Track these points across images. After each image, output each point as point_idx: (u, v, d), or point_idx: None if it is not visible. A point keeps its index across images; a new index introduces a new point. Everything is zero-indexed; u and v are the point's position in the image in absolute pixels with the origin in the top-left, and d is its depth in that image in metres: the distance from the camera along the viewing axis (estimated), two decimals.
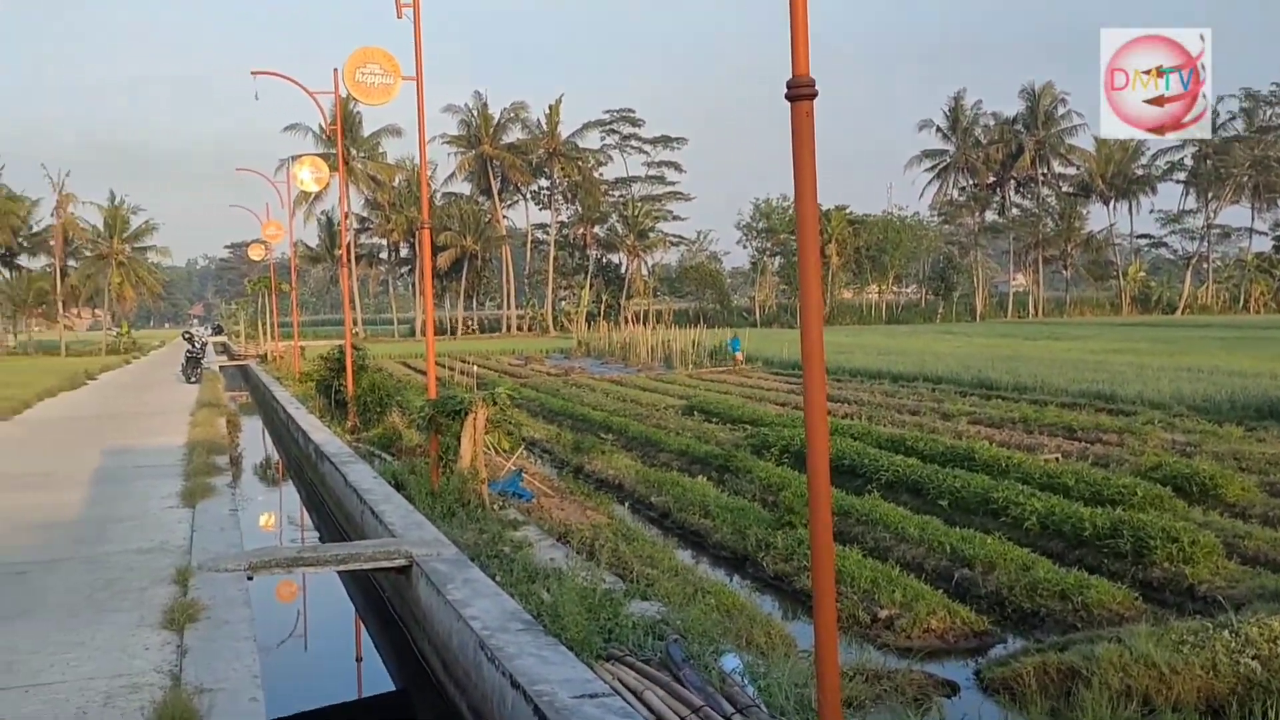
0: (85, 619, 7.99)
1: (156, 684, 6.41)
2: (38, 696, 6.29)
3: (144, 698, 6.16)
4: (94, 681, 6.52)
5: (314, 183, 33.44)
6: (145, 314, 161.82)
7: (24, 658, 7.08)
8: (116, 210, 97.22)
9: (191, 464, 15.86)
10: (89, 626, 7.76)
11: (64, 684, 6.50)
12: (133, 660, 6.92)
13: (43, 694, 6.33)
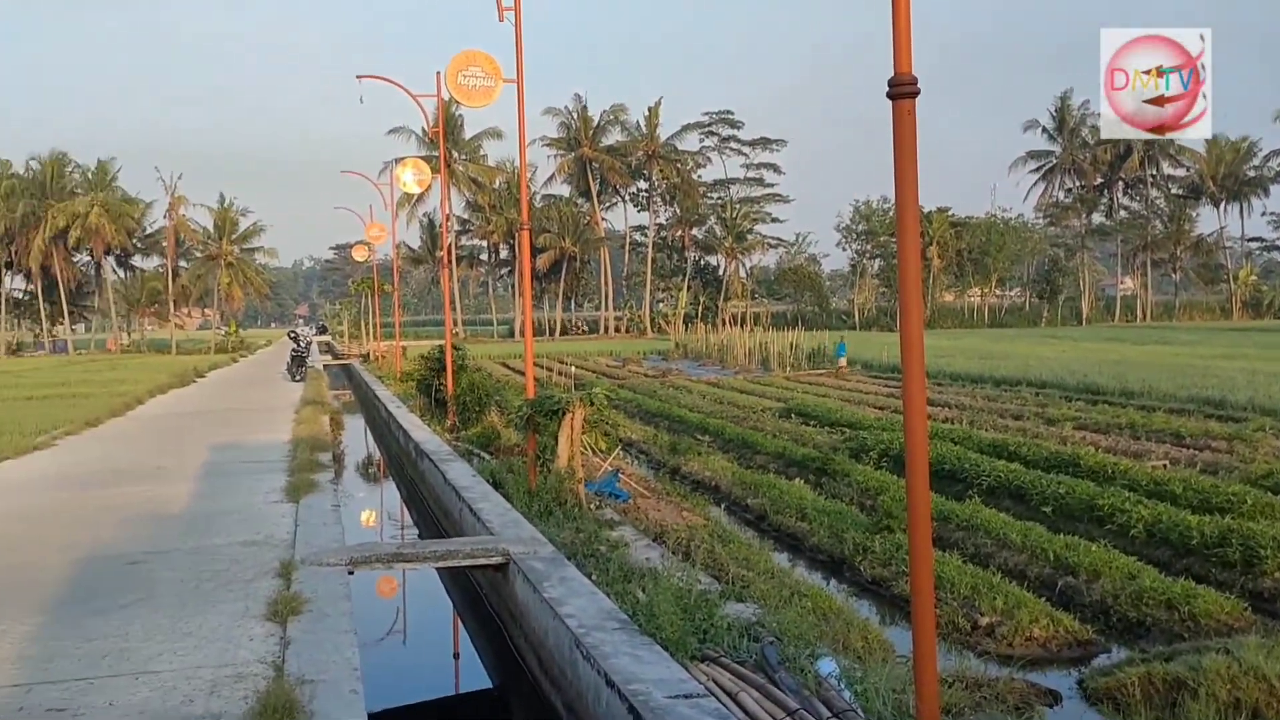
0: (193, 609, 8.19)
1: (260, 674, 6.54)
2: (147, 684, 6.45)
3: (248, 687, 6.29)
4: (201, 670, 6.67)
5: (416, 184, 33.92)
6: (253, 314, 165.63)
7: (135, 645, 7.27)
8: (226, 212, 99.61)
9: (295, 460, 16.17)
10: (197, 616, 7.95)
11: (172, 672, 6.66)
12: (238, 650, 7.07)
13: (152, 681, 6.50)
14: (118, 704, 6.12)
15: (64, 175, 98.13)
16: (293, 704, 5.81)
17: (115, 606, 8.34)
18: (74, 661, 6.96)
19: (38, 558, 10.33)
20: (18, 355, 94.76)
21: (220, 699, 6.14)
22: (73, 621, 7.93)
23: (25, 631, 7.72)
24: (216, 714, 5.91)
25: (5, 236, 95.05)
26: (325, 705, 5.96)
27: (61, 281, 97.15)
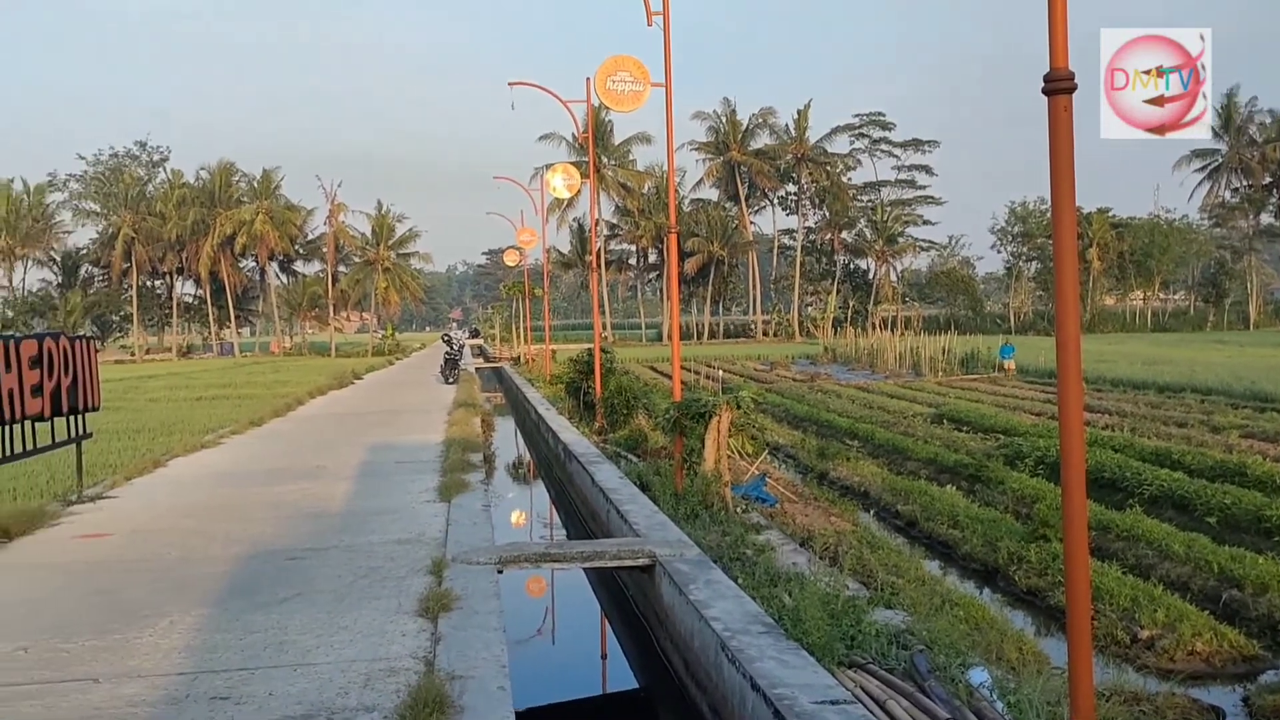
0: (349, 604, 8.41)
1: (412, 669, 6.68)
2: (305, 675, 6.65)
3: (400, 681, 6.43)
4: (355, 664, 6.85)
5: (566, 189, 34.28)
6: (408, 317, 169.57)
7: (294, 638, 7.50)
8: (383, 219, 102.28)
9: (448, 460, 16.49)
10: (352, 611, 8.16)
11: (329, 664, 6.85)
12: (390, 645, 7.24)
13: (310, 673, 6.69)
14: (277, 694, 6.32)
15: (231, 184, 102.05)
16: (443, 698, 5.92)
17: (275, 600, 8.61)
18: (236, 652, 7.21)
19: (204, 552, 10.73)
20: (188, 357, 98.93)
21: (374, 692, 6.29)
22: (235, 614, 8.22)
23: (192, 622, 8.02)
24: (370, 706, 6.05)
25: (177, 244, 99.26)
26: (474, 701, 6.05)
27: (229, 287, 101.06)
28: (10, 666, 7.05)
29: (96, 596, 9.01)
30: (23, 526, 11.81)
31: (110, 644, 7.50)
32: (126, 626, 7.94)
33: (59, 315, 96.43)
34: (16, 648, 7.45)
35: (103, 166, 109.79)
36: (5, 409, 12.15)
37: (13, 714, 6.10)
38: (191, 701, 6.24)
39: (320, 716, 5.93)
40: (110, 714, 6.08)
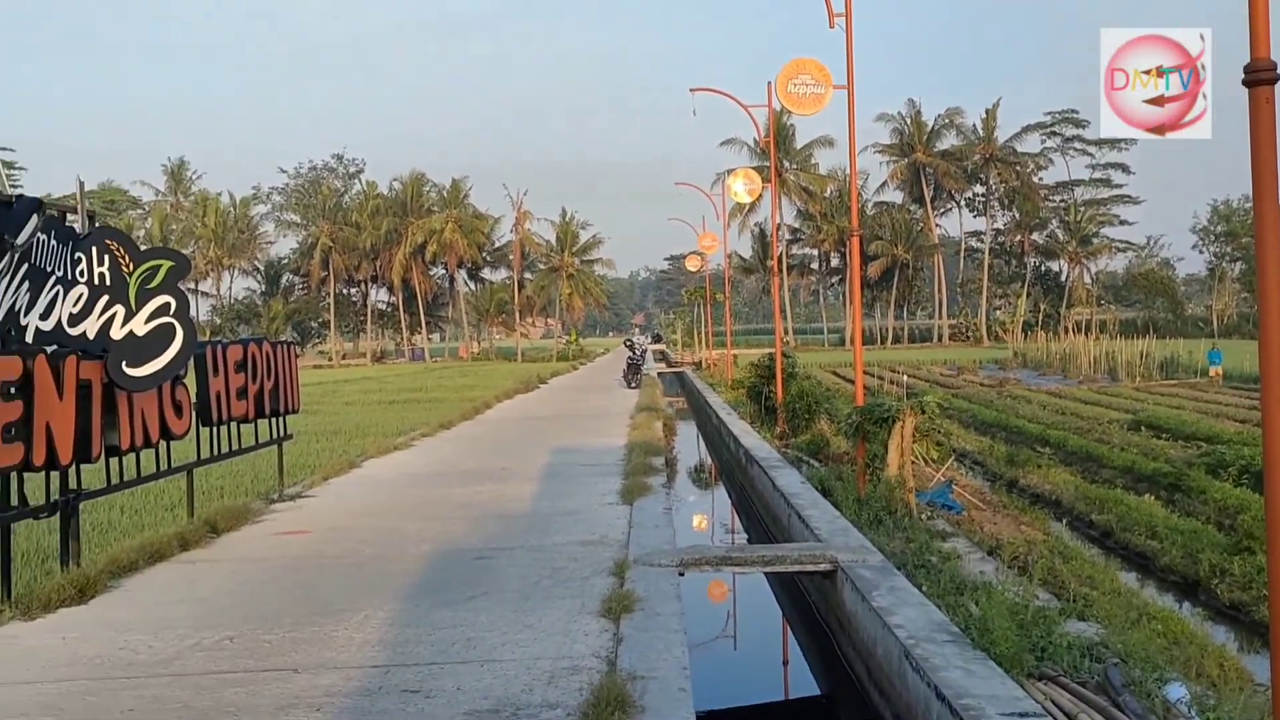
0: (534, 603, 8.57)
1: (594, 668, 6.76)
2: (491, 671, 6.80)
3: (583, 680, 6.52)
4: (539, 661, 6.97)
5: (747, 194, 34.25)
6: (592, 323, 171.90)
7: (481, 635, 7.68)
8: (567, 226, 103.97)
9: (630, 464, 16.65)
10: (537, 610, 8.31)
11: (514, 661, 6.99)
12: (574, 644, 7.35)
13: (496, 669, 6.84)
14: (464, 688, 6.48)
15: (422, 194, 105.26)
16: (624, 698, 5.98)
17: (463, 598, 8.83)
18: (426, 647, 7.42)
19: (396, 550, 11.08)
20: (381, 362, 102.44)
21: (557, 689, 6.39)
22: (426, 610, 8.46)
23: (385, 617, 8.30)
24: (553, 704, 6.15)
25: (371, 252, 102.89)
26: (655, 701, 6.09)
27: (420, 294, 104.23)
28: (217, 654, 7.41)
29: (296, 590, 9.40)
30: (229, 523, 12.40)
31: (309, 636, 7.81)
32: (324, 619, 8.26)
33: (262, 322, 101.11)
34: (223, 637, 7.83)
35: (302, 179, 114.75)
36: (213, 411, 12.79)
37: (219, 700, 6.41)
38: (384, 693, 6.46)
39: (506, 712, 6.06)
40: (308, 703, 6.32)
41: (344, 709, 6.22)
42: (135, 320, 10.29)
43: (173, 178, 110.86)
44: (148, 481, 11.80)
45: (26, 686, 6.79)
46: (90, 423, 9.68)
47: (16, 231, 8.78)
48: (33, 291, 9.19)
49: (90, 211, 11.07)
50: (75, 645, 7.75)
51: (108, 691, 6.66)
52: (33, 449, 8.81)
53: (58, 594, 8.87)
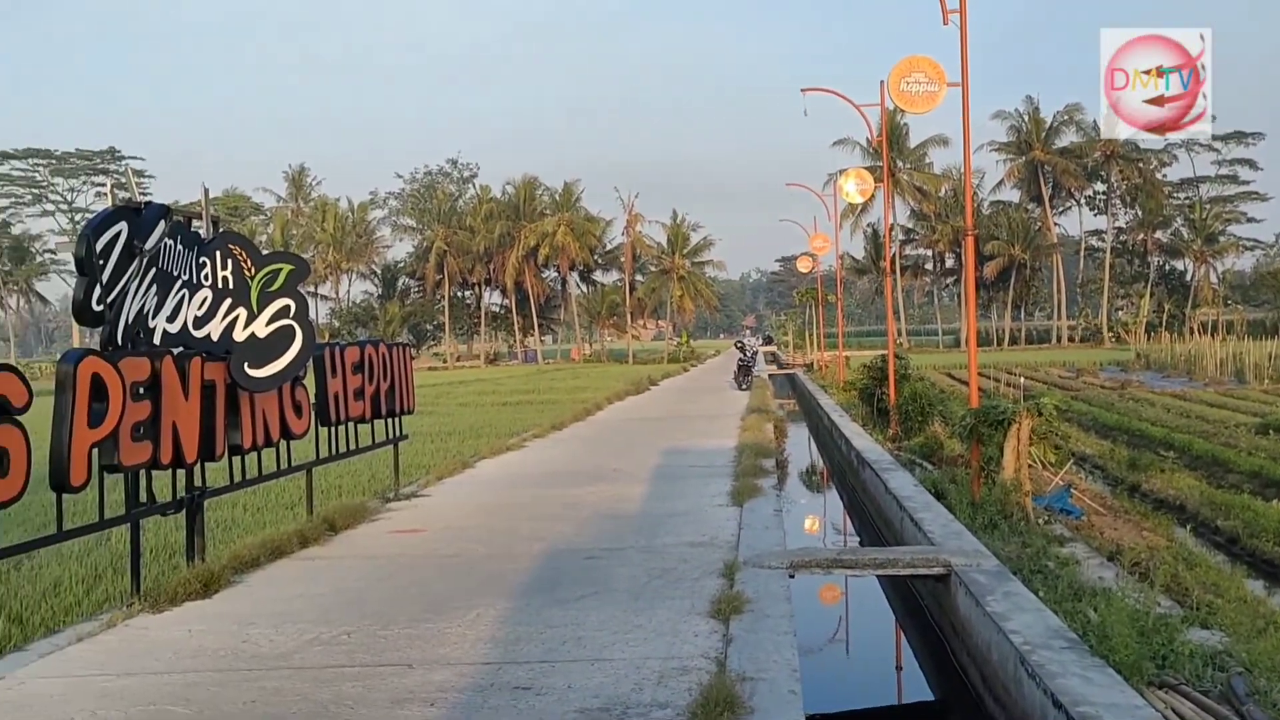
0: (643, 603, 8.60)
1: (703, 668, 6.76)
2: (601, 670, 6.85)
3: (692, 680, 6.53)
4: (649, 661, 7.00)
5: (859, 194, 33.91)
6: (702, 324, 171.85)
7: (591, 634, 7.73)
8: (678, 228, 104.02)
9: (740, 465, 16.61)
10: (646, 611, 8.34)
11: (624, 661, 7.03)
12: (683, 645, 7.36)
13: (606, 668, 6.89)
14: (575, 687, 6.53)
15: (535, 198, 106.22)
16: (734, 699, 5.97)
17: (574, 597, 8.90)
18: (537, 645, 7.50)
19: (508, 549, 11.21)
20: (495, 364, 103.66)
21: (666, 689, 6.41)
22: (537, 609, 8.55)
23: (496, 615, 8.40)
24: (663, 703, 6.17)
25: (485, 256, 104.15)
26: (764, 703, 6.07)
27: (532, 296, 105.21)
28: (335, 649, 7.58)
29: (411, 588, 9.57)
30: (346, 521, 12.67)
31: (423, 632, 7.95)
32: (437, 616, 8.39)
33: (379, 324, 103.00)
34: (341, 632, 8.01)
35: (418, 184, 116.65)
36: (331, 411, 13.07)
37: (337, 693, 6.55)
38: (496, 690, 6.54)
39: (616, 710, 6.09)
40: (422, 698, 6.43)
41: (457, 704, 6.32)
42: (257, 322, 10.58)
43: (294, 184, 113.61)
44: (269, 480, 12.13)
45: (155, 677, 7.03)
46: (214, 422, 9.97)
47: (146, 237, 9.07)
48: (160, 295, 9.49)
49: (215, 217, 11.41)
50: (200, 638, 7.99)
51: (231, 683, 6.85)
52: (160, 447, 9.11)
53: (184, 588, 9.15)
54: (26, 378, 7.52)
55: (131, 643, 7.94)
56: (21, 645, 8.09)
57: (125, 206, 9.27)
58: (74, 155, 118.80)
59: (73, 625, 8.57)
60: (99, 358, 8.35)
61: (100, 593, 9.65)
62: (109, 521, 8.98)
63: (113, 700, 6.56)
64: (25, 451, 7.37)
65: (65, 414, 7.95)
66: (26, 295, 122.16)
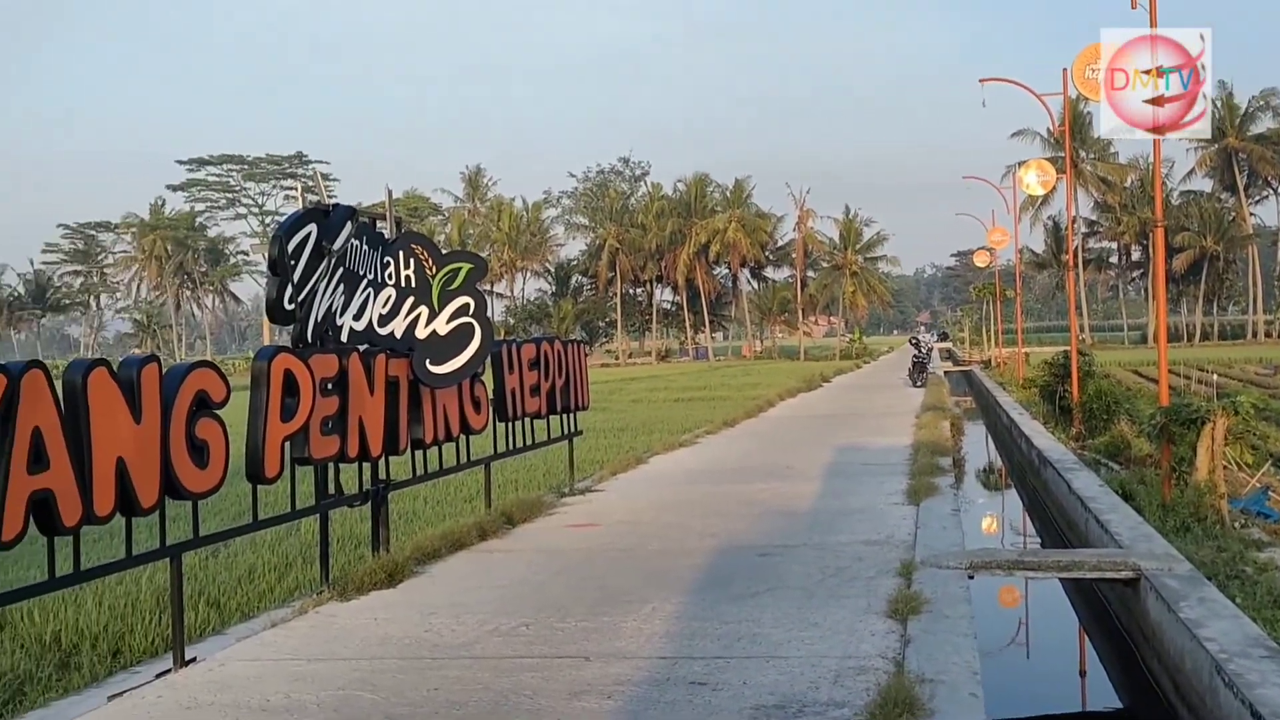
0: (818, 601, 8.53)
1: (881, 669, 6.67)
2: (777, 667, 6.81)
3: (869, 680, 6.44)
4: (825, 660, 6.93)
5: (1040, 186, 33.06)
6: (875, 321, 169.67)
7: (766, 631, 7.70)
8: (850, 223, 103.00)
9: (916, 464, 16.33)
10: (821, 609, 8.27)
11: (799, 658, 6.98)
12: (860, 644, 7.26)
13: (781, 665, 6.85)
14: (750, 683, 6.52)
15: (705, 195, 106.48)
16: (912, 701, 5.87)
17: (748, 594, 8.88)
18: (712, 641, 7.51)
19: (681, 544, 11.26)
20: (666, 361, 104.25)
21: (843, 688, 6.34)
22: (710, 605, 8.56)
23: (671, 610, 8.44)
24: (840, 702, 6.11)
25: (656, 253, 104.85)
26: (944, 705, 5.96)
27: (703, 293, 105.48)
28: (515, 640, 7.73)
29: (587, 581, 9.69)
30: (523, 515, 12.90)
31: (599, 625, 8.04)
32: (613, 610, 8.48)
33: (552, 322, 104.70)
34: (520, 623, 8.16)
35: (591, 183, 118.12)
36: (509, 407, 13.32)
37: (516, 683, 6.68)
38: (672, 684, 6.57)
39: (792, 708, 6.06)
40: (599, 690, 6.51)
41: (634, 697, 6.37)
42: (438, 320, 10.87)
43: (470, 184, 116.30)
44: (449, 474, 12.43)
45: (344, 663, 7.28)
46: (398, 417, 10.28)
47: (334, 238, 9.39)
48: (347, 294, 9.82)
49: (397, 218, 11.76)
50: (385, 626, 8.25)
51: (415, 670, 7.05)
52: (347, 441, 9.43)
53: (370, 578, 9.45)
54: (225, 374, 7.89)
55: (321, 629, 8.24)
56: (219, 629, 8.50)
57: (315, 209, 9.61)
58: (264, 160, 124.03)
59: (266, 611, 8.95)
60: (291, 355, 8.68)
61: (291, 580, 10.07)
62: (300, 512, 9.34)
63: (305, 684, 6.82)
64: (224, 444, 7.71)
65: (260, 408, 8.29)
66: (221, 295, 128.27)
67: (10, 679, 7.31)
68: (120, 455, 6.72)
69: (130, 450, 6.80)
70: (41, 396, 6.18)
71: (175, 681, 7.01)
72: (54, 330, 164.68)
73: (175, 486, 7.26)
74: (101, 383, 6.64)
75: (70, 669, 7.59)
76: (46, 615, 8.54)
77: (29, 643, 8.14)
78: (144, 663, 7.69)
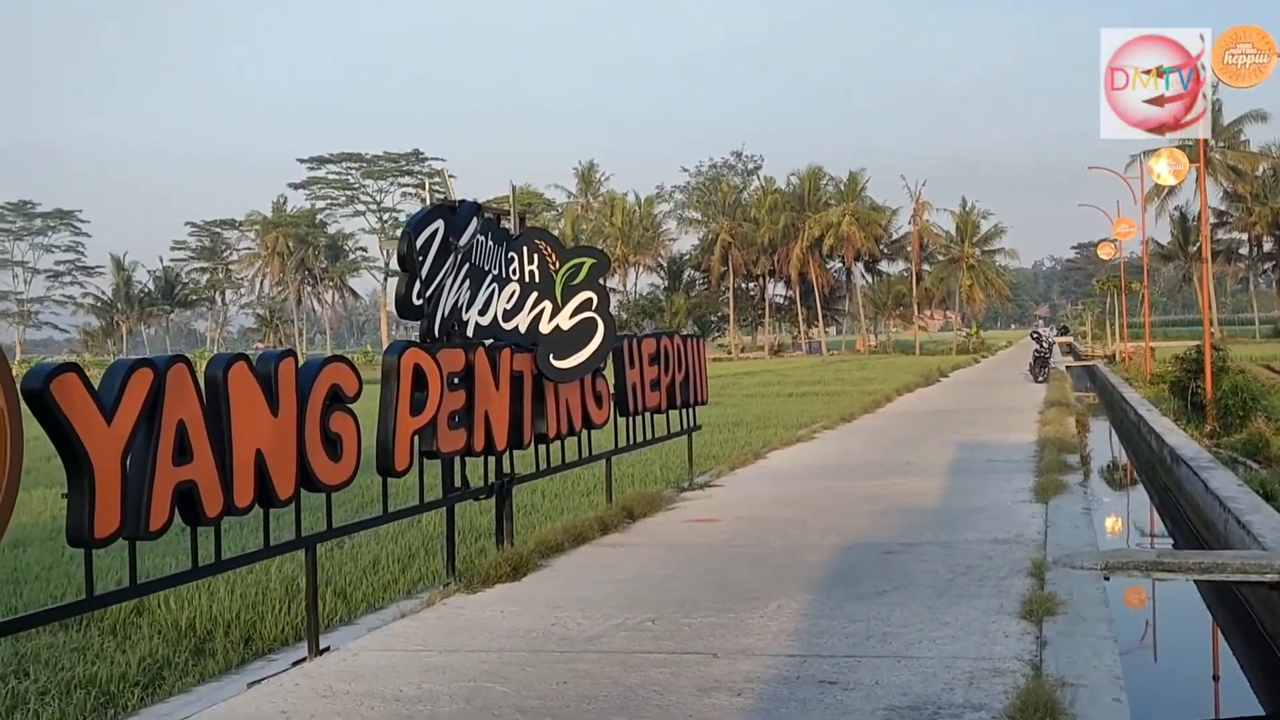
0: (948, 601, 8.36)
1: (1018, 671, 6.50)
2: (908, 668, 6.69)
3: (1006, 682, 6.28)
4: (958, 661, 6.79)
5: (1172, 176, 32.10)
6: (992, 315, 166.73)
7: (895, 630, 7.57)
8: (967, 216, 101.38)
9: (1042, 461, 15.96)
10: (952, 608, 8.11)
11: (931, 659, 6.85)
12: (993, 645, 7.10)
13: (913, 666, 6.73)
14: (882, 683, 6.41)
15: (819, 188, 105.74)
16: (1053, 705, 5.71)
17: (874, 592, 8.75)
18: (840, 639, 7.41)
19: (803, 541, 11.16)
20: (778, 356, 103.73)
21: (979, 691, 6.20)
22: (836, 603, 8.45)
23: (797, 608, 8.36)
24: (977, 705, 5.97)
25: (769, 247, 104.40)
26: (1086, 710, 5.79)
27: (816, 287, 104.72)
28: (641, 635, 7.72)
29: (709, 576, 9.66)
30: (644, 509, 12.90)
31: (725, 622, 7.99)
32: (738, 607, 8.42)
33: (664, 316, 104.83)
34: (645, 618, 8.15)
35: (703, 177, 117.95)
36: (629, 401, 13.33)
37: (645, 678, 6.66)
38: (801, 683, 6.49)
39: (927, 710, 5.94)
40: (728, 687, 6.46)
41: (763, 695, 6.31)
42: (561, 315, 10.92)
43: (583, 180, 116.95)
44: (571, 468, 12.48)
45: (473, 654, 7.34)
46: (522, 411, 10.35)
47: (460, 234, 9.49)
48: (473, 289, 9.91)
49: (521, 213, 11.85)
50: (512, 619, 8.30)
51: (543, 664, 7.08)
52: (473, 435, 9.52)
53: (495, 570, 9.53)
54: (357, 368, 8.02)
55: (449, 621, 8.32)
56: (346, 619, 8.65)
57: (441, 205, 9.71)
58: (382, 158, 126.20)
59: (395, 602, 9.08)
60: (420, 349, 8.79)
61: (414, 572, 10.20)
62: (428, 505, 9.45)
63: (436, 675, 6.89)
64: (356, 437, 7.84)
65: (390, 402, 8.41)
66: (340, 290, 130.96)
67: (149, 663, 7.53)
68: (259, 447, 6.87)
69: (268, 443, 6.95)
70: (185, 390, 6.35)
71: (311, 670, 7.14)
72: (181, 325, 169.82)
73: (311, 478, 7.41)
74: (241, 377, 6.79)
75: (205, 655, 7.78)
76: (182, 603, 8.77)
77: (165, 629, 8.38)
78: (277, 651, 7.86)
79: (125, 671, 7.32)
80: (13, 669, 7.43)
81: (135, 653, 7.73)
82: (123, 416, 5.92)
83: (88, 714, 6.65)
